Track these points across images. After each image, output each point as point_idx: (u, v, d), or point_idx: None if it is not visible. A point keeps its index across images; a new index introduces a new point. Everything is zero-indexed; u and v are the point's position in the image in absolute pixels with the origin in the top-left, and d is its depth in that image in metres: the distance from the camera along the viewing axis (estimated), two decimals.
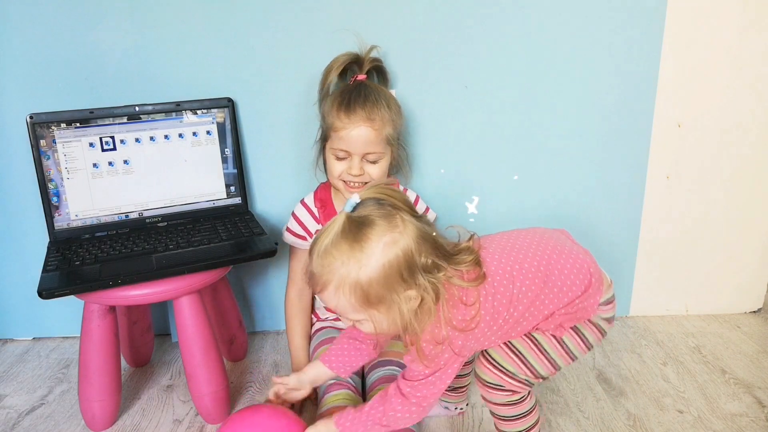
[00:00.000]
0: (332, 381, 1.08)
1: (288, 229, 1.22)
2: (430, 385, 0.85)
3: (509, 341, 0.90)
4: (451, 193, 1.37)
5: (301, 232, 1.20)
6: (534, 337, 0.90)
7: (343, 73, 1.19)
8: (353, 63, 1.17)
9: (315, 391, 1.13)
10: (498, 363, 0.90)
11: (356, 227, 0.79)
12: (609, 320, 0.93)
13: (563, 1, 1.25)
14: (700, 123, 1.35)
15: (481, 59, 1.28)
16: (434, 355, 0.84)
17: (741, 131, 1.36)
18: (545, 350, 0.90)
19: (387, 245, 0.78)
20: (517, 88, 1.30)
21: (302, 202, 1.22)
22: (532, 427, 0.95)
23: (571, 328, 0.90)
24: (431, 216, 1.29)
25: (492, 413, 0.96)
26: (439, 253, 0.82)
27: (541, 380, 0.92)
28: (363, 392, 1.13)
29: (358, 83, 1.15)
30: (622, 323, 1.48)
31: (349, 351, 1.00)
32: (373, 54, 1.20)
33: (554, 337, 0.89)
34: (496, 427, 0.97)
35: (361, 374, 1.17)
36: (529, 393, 0.93)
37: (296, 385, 1.01)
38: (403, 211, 0.82)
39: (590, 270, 0.89)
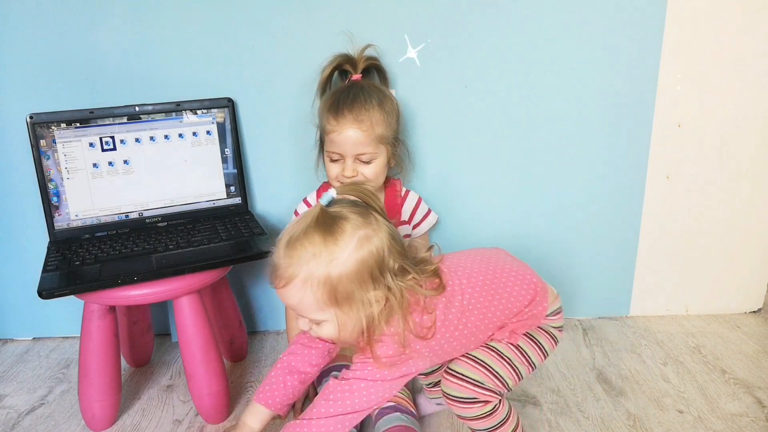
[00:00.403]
0: (327, 380, 1.07)
1: None
2: (368, 383, 0.83)
3: (470, 353, 0.91)
4: (450, 193, 1.37)
5: None
6: (493, 346, 0.92)
7: (343, 74, 1.19)
8: (347, 63, 1.17)
9: (308, 391, 1.13)
10: (464, 375, 0.89)
11: (331, 220, 0.77)
12: (559, 329, 0.97)
13: (563, 1, 1.25)
14: (700, 123, 1.35)
15: (481, 59, 1.28)
16: (394, 362, 0.83)
17: (741, 131, 1.36)
18: (506, 356, 0.91)
19: (361, 241, 0.77)
20: (517, 88, 1.30)
21: (305, 200, 1.22)
22: (515, 429, 0.94)
23: (525, 334, 0.93)
24: (433, 218, 1.29)
25: (470, 428, 0.94)
26: (406, 259, 0.82)
27: (506, 390, 0.92)
28: None
29: (351, 84, 1.15)
30: (622, 323, 1.48)
31: (285, 384, 0.95)
32: (368, 53, 1.20)
33: (511, 344, 0.91)
34: None
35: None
36: (500, 402, 0.92)
37: None
38: (377, 212, 0.81)
39: (533, 281, 0.94)
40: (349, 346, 0.93)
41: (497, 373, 0.90)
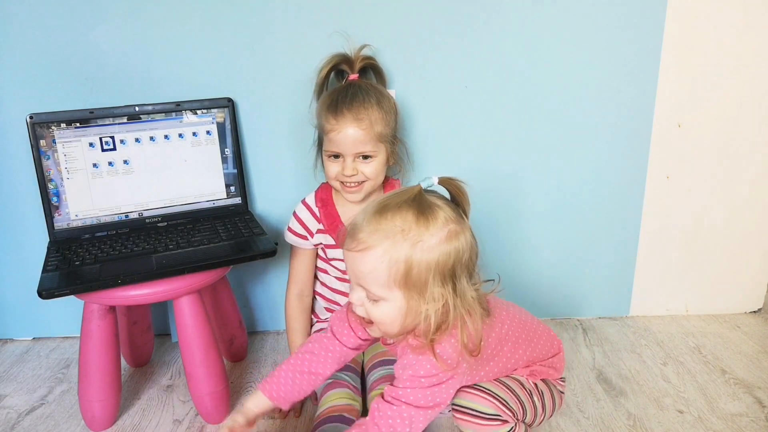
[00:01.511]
0: (330, 380, 1.08)
1: (289, 229, 1.21)
2: (411, 410, 0.80)
3: (498, 378, 0.93)
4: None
5: (303, 232, 1.20)
6: (515, 378, 0.95)
7: (340, 74, 1.19)
8: (344, 63, 1.17)
9: (314, 391, 1.13)
10: (492, 391, 0.90)
11: (427, 204, 0.76)
12: (561, 395, 1.01)
13: (563, 1, 1.25)
14: (700, 123, 1.35)
15: (481, 59, 1.28)
16: (450, 367, 0.80)
17: (741, 131, 1.36)
18: (526, 388, 0.94)
19: (450, 234, 0.76)
20: (517, 88, 1.30)
21: (303, 201, 1.22)
22: None
23: (542, 379, 0.97)
24: None
25: None
26: (474, 271, 0.82)
27: (523, 418, 0.93)
28: (363, 391, 1.13)
29: (348, 83, 1.15)
30: (622, 323, 1.48)
31: (294, 381, 0.94)
32: (365, 52, 1.20)
33: (530, 381, 0.95)
34: None
35: (361, 372, 1.17)
36: (517, 425, 0.92)
37: (246, 422, 0.93)
38: (465, 213, 0.81)
39: (557, 339, 1.02)
40: (387, 338, 0.90)
41: (519, 397, 0.92)
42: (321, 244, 1.21)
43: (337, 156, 1.12)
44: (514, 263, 1.43)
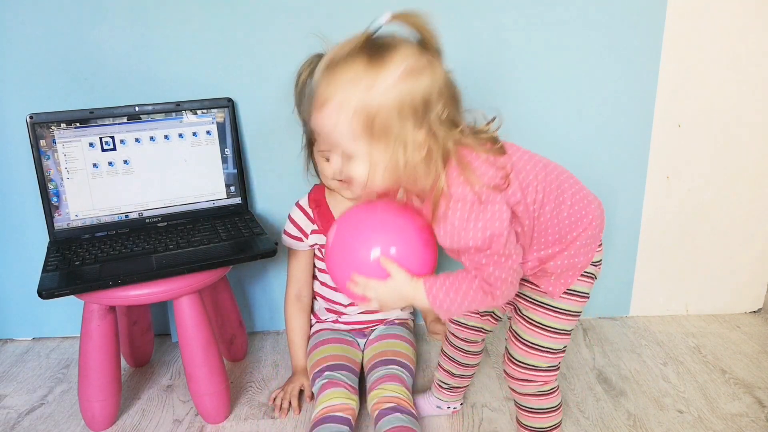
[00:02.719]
0: (326, 380, 1.08)
1: (285, 232, 1.22)
2: (496, 265, 0.76)
3: (523, 338, 0.89)
4: None
5: (298, 234, 1.20)
6: (541, 324, 0.88)
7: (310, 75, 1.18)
8: None
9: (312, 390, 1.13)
10: (521, 362, 0.90)
11: (378, 47, 0.70)
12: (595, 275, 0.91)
13: (563, 1, 1.25)
14: (700, 123, 1.35)
15: (481, 59, 1.28)
16: (480, 196, 0.73)
17: (741, 131, 1.36)
18: (555, 329, 0.88)
19: (407, 73, 0.69)
20: (517, 87, 1.30)
21: (297, 204, 1.23)
22: (556, 426, 0.94)
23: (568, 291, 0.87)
24: None
25: (517, 404, 0.95)
26: (459, 113, 0.75)
27: (562, 354, 0.91)
28: (362, 391, 1.13)
29: None
30: (622, 323, 1.48)
31: None
32: None
33: (561, 315, 0.88)
34: (518, 421, 0.96)
35: (360, 372, 1.17)
36: (557, 388, 0.92)
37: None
38: (436, 54, 0.73)
39: (600, 205, 0.88)
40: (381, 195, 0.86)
41: (549, 348, 0.89)
42: (316, 244, 1.21)
43: (329, 155, 1.12)
44: None
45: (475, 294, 0.78)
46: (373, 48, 0.70)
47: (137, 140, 1.19)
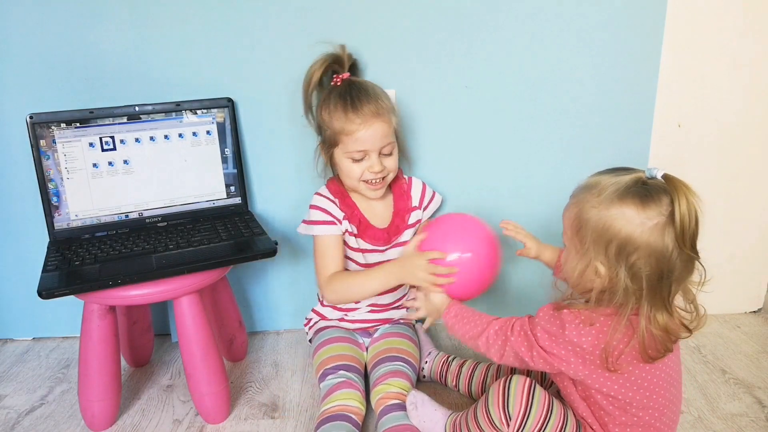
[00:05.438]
0: (342, 379, 1.08)
1: (314, 222, 1.17)
2: (528, 341, 0.86)
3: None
4: (450, 193, 1.36)
5: (330, 219, 1.16)
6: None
7: (325, 74, 1.18)
8: (336, 63, 1.18)
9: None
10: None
11: (637, 190, 0.79)
12: None
13: (563, 1, 1.25)
14: (700, 123, 1.35)
15: (481, 59, 1.28)
16: (550, 333, 0.84)
17: (741, 131, 1.36)
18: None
19: (635, 219, 0.78)
20: (517, 87, 1.30)
21: (318, 193, 1.20)
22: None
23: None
24: (438, 200, 1.30)
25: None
26: (668, 286, 0.84)
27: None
28: (366, 385, 1.13)
29: (348, 82, 1.14)
30: None
31: None
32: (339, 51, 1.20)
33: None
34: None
35: (364, 371, 1.17)
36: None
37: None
38: (675, 229, 0.81)
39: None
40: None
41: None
42: (346, 231, 1.18)
43: (360, 156, 1.11)
44: (515, 262, 1.43)
45: (480, 337, 0.92)
46: (631, 189, 0.81)
47: (137, 140, 1.19)
